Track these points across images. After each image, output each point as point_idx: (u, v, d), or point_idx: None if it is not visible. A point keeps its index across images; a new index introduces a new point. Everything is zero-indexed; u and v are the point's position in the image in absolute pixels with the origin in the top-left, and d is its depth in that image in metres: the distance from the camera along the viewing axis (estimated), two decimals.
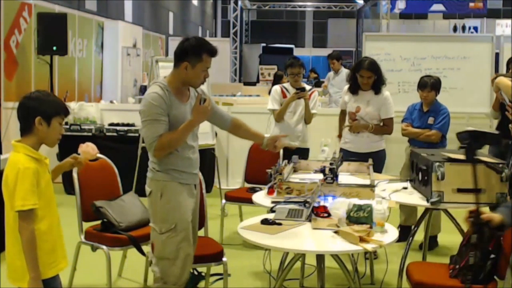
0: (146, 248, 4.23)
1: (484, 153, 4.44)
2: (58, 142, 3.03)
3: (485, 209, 3.81)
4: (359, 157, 4.95)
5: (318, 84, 13.69)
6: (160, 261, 3.48)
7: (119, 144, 7.51)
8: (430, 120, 5.41)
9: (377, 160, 5.04)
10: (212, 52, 3.46)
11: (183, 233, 3.46)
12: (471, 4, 21.54)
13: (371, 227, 3.24)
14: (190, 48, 3.42)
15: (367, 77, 5.22)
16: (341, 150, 5.28)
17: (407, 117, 5.58)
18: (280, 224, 3.36)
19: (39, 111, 2.88)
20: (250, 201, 4.29)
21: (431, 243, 5.35)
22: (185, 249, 3.49)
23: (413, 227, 4.52)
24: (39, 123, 2.87)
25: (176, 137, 3.41)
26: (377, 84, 5.25)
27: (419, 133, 5.43)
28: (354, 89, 5.33)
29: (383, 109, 5.28)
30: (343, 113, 5.53)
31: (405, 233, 5.33)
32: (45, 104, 2.91)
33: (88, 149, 3.40)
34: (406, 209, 5.39)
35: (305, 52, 25.85)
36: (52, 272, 2.94)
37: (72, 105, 8.00)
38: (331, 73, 10.43)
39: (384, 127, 5.32)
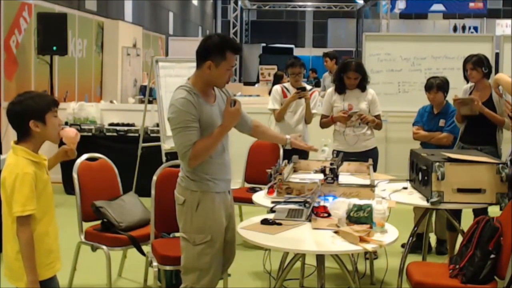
0: (146, 248, 4.24)
1: (484, 153, 4.44)
2: (60, 137, 2.99)
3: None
4: (352, 156, 4.95)
5: (318, 84, 13.69)
6: (191, 272, 3.35)
7: (119, 144, 7.51)
8: (441, 122, 5.30)
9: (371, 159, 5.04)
10: (236, 49, 3.31)
11: (217, 244, 3.36)
12: (471, 4, 21.57)
13: (371, 227, 3.24)
14: (213, 47, 3.24)
15: (354, 78, 5.29)
16: (334, 151, 5.28)
17: (418, 120, 5.46)
18: (280, 224, 3.36)
19: (30, 114, 2.83)
20: (250, 201, 4.29)
21: (439, 247, 5.42)
22: (218, 260, 3.40)
23: (413, 227, 4.52)
24: (35, 126, 2.84)
25: (210, 143, 3.24)
26: (363, 83, 5.38)
27: (431, 136, 5.30)
28: (341, 89, 5.38)
29: (373, 106, 5.39)
30: (326, 117, 5.49)
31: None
32: (32, 105, 2.84)
33: (68, 134, 3.15)
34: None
35: (305, 52, 25.84)
36: (49, 273, 2.94)
37: (72, 105, 8.00)
38: (326, 74, 10.43)
39: (378, 121, 5.41)
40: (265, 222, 3.38)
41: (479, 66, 5.04)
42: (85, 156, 4.40)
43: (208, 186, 3.32)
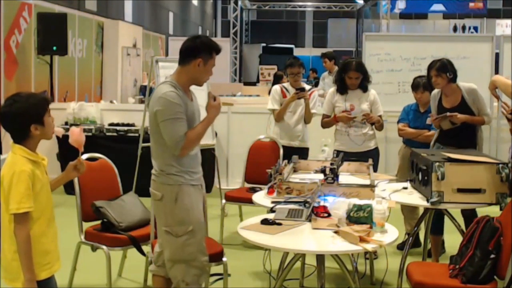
0: (146, 248, 4.24)
1: (484, 153, 4.44)
2: (53, 134, 3.00)
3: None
4: (353, 156, 4.95)
5: (318, 84, 13.68)
6: (178, 264, 3.47)
7: (119, 144, 7.50)
8: (428, 120, 5.27)
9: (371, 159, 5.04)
10: (219, 50, 3.55)
11: (199, 234, 3.50)
12: (471, 4, 21.60)
13: (371, 227, 3.24)
14: (202, 46, 3.46)
15: (355, 78, 5.28)
16: (334, 151, 5.28)
17: (403, 118, 5.50)
18: (280, 224, 3.36)
19: (30, 119, 2.84)
20: (250, 201, 4.30)
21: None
22: (203, 249, 3.52)
23: (413, 227, 4.52)
24: (35, 130, 2.86)
25: (199, 134, 3.44)
26: (364, 83, 5.36)
27: (418, 133, 5.33)
28: (342, 89, 5.38)
29: (375, 107, 5.38)
30: (328, 117, 5.49)
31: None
32: (30, 110, 2.83)
33: (74, 133, 3.17)
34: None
35: (305, 52, 25.85)
36: (46, 274, 2.91)
37: (72, 105, 8.00)
38: (325, 73, 10.42)
39: (382, 121, 5.42)
40: (265, 222, 3.39)
41: (443, 72, 4.85)
42: (85, 156, 4.40)
43: (184, 178, 3.45)
